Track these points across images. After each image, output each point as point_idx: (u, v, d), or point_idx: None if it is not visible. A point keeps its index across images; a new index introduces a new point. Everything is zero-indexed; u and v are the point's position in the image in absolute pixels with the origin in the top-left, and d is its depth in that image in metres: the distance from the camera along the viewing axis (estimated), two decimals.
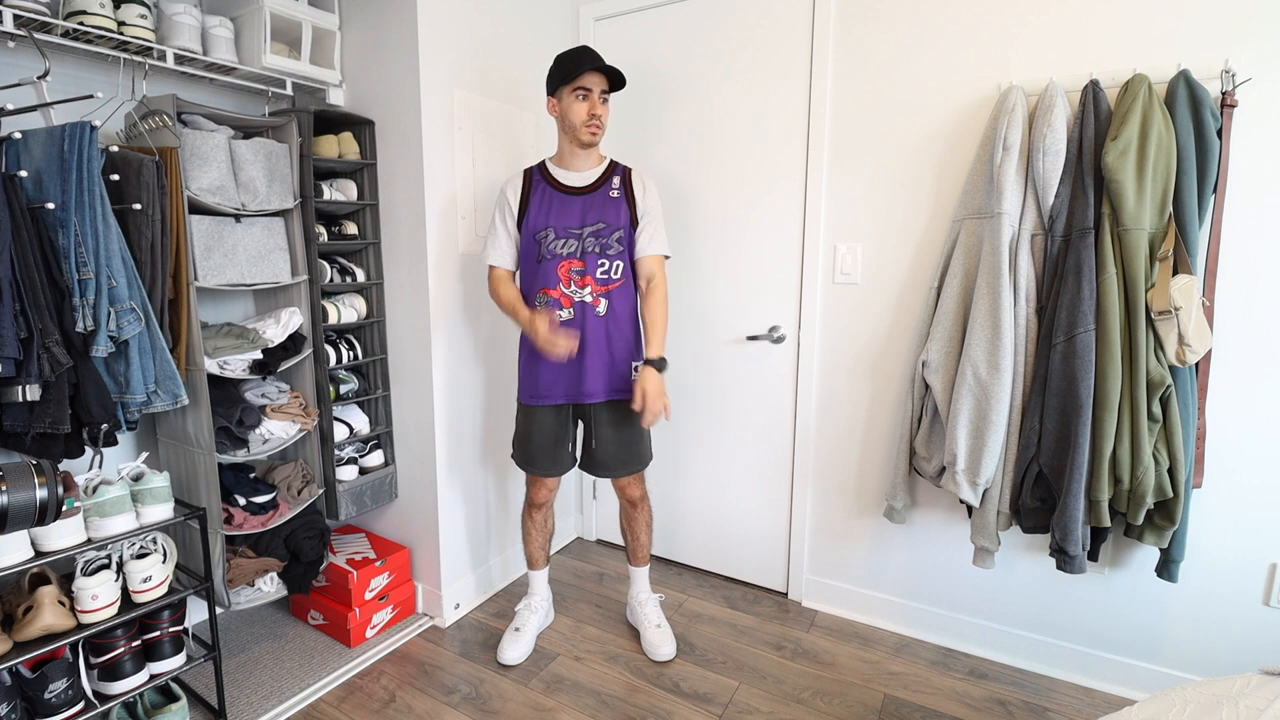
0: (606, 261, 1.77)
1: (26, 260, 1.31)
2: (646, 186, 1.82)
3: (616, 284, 1.79)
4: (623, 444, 1.86)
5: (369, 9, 1.93)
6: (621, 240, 1.78)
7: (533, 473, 1.94)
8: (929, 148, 1.87)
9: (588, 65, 1.70)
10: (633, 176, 1.82)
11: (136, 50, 1.58)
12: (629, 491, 1.97)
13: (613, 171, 1.82)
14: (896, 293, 1.97)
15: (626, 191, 1.80)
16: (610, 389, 1.81)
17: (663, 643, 1.95)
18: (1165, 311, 1.47)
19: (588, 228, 1.77)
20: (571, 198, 1.79)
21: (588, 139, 1.75)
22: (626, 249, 1.79)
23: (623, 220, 1.78)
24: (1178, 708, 0.84)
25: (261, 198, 1.76)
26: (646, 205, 1.80)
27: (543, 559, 2.05)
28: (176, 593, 1.54)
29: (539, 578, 2.06)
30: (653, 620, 2.01)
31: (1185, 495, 1.53)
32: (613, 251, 1.77)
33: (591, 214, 1.77)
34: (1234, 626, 1.66)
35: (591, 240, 1.76)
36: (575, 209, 1.78)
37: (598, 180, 1.80)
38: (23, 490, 0.78)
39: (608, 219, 1.77)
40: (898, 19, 1.88)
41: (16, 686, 1.33)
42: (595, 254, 1.76)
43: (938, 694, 1.81)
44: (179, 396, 1.55)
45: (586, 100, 1.72)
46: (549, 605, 2.11)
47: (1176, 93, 1.49)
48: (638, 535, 2.02)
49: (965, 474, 1.70)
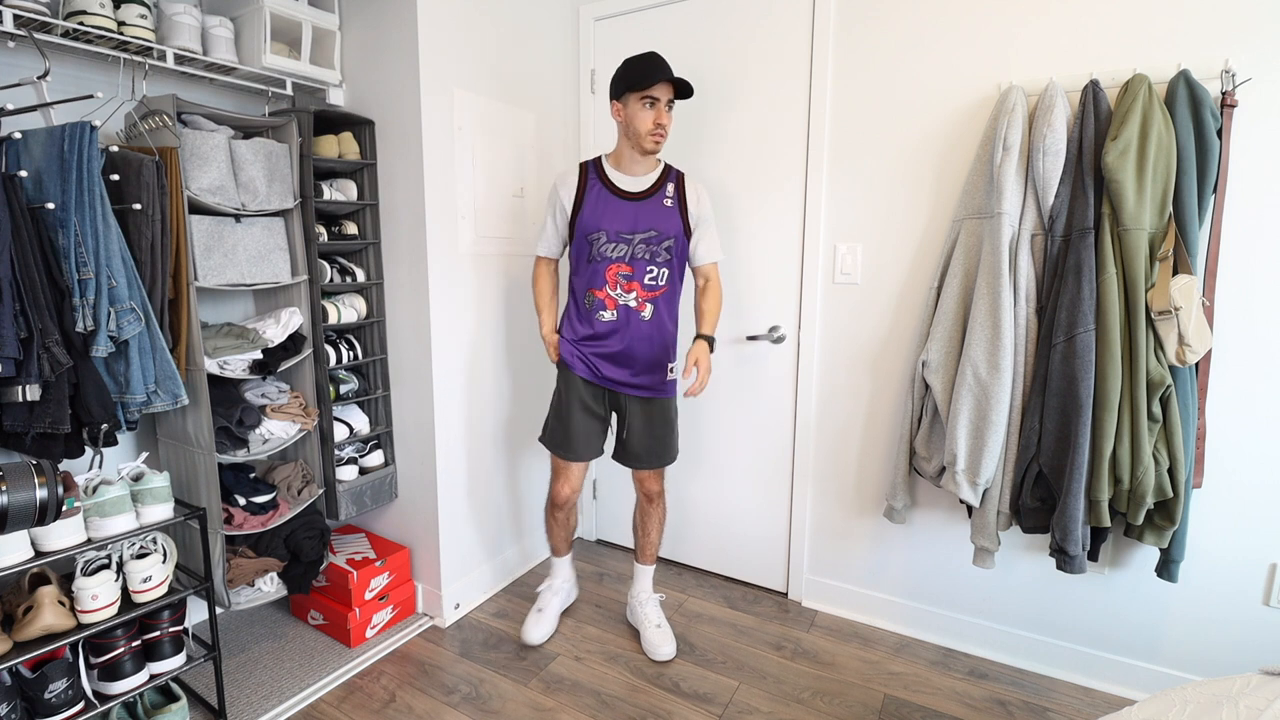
0: (655, 269, 1.80)
1: (26, 260, 1.31)
2: (700, 195, 1.84)
3: (662, 290, 1.83)
4: (655, 438, 1.92)
5: (369, 9, 1.93)
6: (671, 249, 1.81)
7: (561, 455, 1.94)
8: (929, 148, 1.87)
9: (659, 76, 1.69)
10: (686, 183, 1.85)
11: (136, 50, 1.58)
12: (648, 485, 2.00)
13: (667, 178, 1.84)
14: (896, 293, 1.97)
15: (680, 200, 1.82)
16: (645, 388, 1.87)
17: (663, 642, 1.96)
18: (1165, 311, 1.47)
19: (639, 234, 1.79)
20: (626, 202, 1.81)
21: (651, 147, 1.77)
22: (675, 257, 1.82)
23: (674, 229, 1.81)
24: (1178, 708, 0.84)
25: (261, 198, 1.76)
26: (700, 214, 1.83)
27: (564, 548, 2.12)
28: (176, 593, 1.54)
29: (561, 563, 2.13)
30: (653, 620, 2.01)
31: (1185, 495, 1.53)
32: (661, 259, 1.80)
33: (644, 220, 1.80)
34: (1234, 626, 1.66)
35: (642, 247, 1.79)
36: (629, 214, 1.80)
37: (652, 186, 1.82)
38: (23, 490, 0.78)
39: (660, 227, 1.79)
40: (898, 19, 1.88)
41: (16, 686, 1.33)
42: (644, 260, 1.79)
43: (938, 694, 1.81)
44: (179, 396, 1.55)
45: (653, 109, 1.72)
46: (571, 585, 2.18)
47: (1176, 93, 1.49)
48: (649, 532, 2.04)
49: (965, 474, 1.70)
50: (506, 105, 2.17)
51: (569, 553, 2.13)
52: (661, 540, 2.09)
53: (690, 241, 1.84)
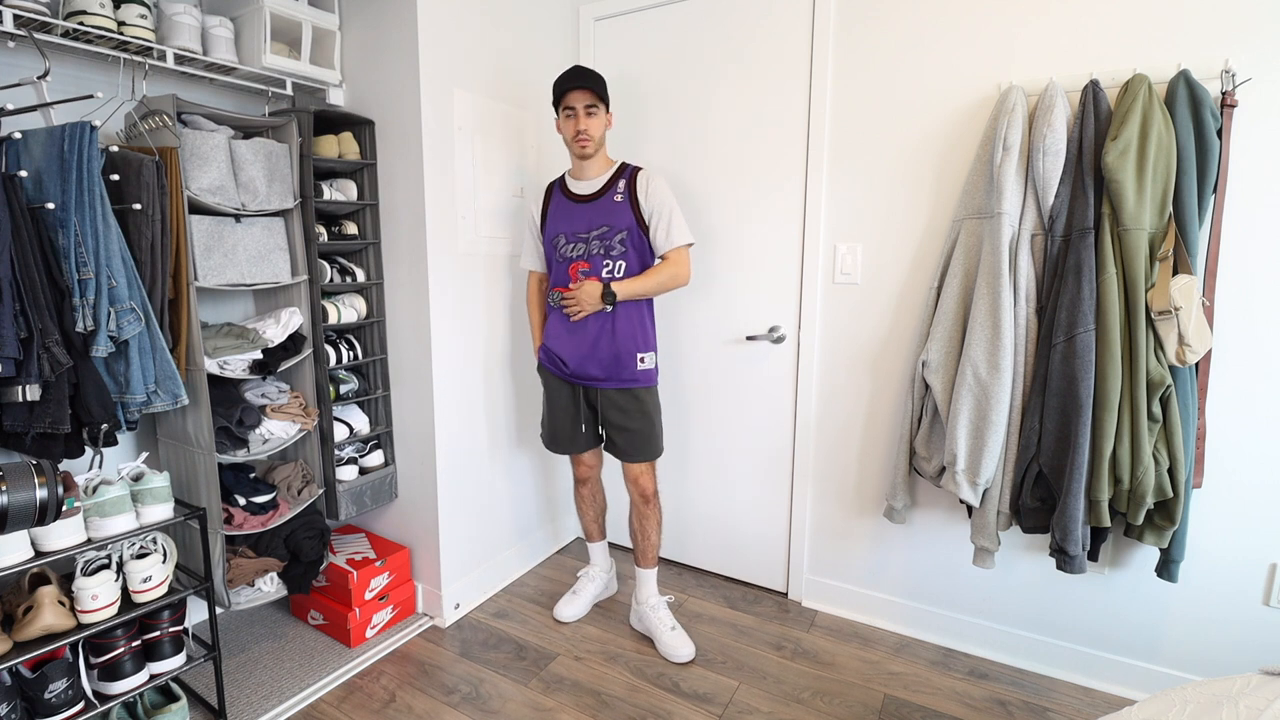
0: (611, 262, 1.87)
1: (26, 260, 1.31)
2: (649, 186, 1.87)
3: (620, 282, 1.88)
4: (631, 432, 1.95)
5: (369, 9, 1.93)
6: (625, 241, 1.86)
7: (554, 451, 2.10)
8: (929, 148, 1.87)
9: (567, 85, 1.82)
10: (638, 178, 1.89)
11: (136, 50, 1.58)
12: (641, 484, 2.02)
13: (620, 176, 1.91)
14: (896, 293, 1.97)
15: (630, 195, 1.87)
16: (615, 379, 1.91)
17: (681, 645, 1.95)
18: (1165, 311, 1.47)
19: (593, 231, 1.88)
20: (580, 205, 1.92)
21: (579, 153, 1.88)
22: (632, 249, 1.87)
23: (626, 223, 1.86)
24: (1178, 708, 0.84)
25: (261, 198, 1.76)
26: (651, 205, 1.86)
27: (596, 531, 2.21)
28: (176, 593, 1.54)
29: (595, 549, 2.23)
30: (666, 624, 2.01)
31: (1185, 495, 1.53)
32: (616, 252, 1.87)
33: (597, 219, 1.89)
34: (1234, 626, 1.66)
35: (596, 243, 1.88)
36: (583, 215, 1.91)
37: (603, 187, 1.90)
38: (23, 490, 0.78)
39: (611, 222, 1.87)
40: (898, 19, 1.88)
41: (16, 686, 1.33)
42: (600, 255, 1.87)
43: (938, 694, 1.81)
44: (179, 396, 1.55)
45: (572, 118, 1.84)
46: (609, 576, 2.26)
47: (1176, 93, 1.49)
48: (648, 535, 2.05)
49: (965, 474, 1.70)
50: (506, 105, 2.17)
51: (601, 538, 2.21)
52: (661, 542, 2.09)
53: (650, 233, 1.87)
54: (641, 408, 1.94)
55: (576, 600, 2.16)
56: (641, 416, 1.94)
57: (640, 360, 1.91)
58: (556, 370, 1.97)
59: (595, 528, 2.19)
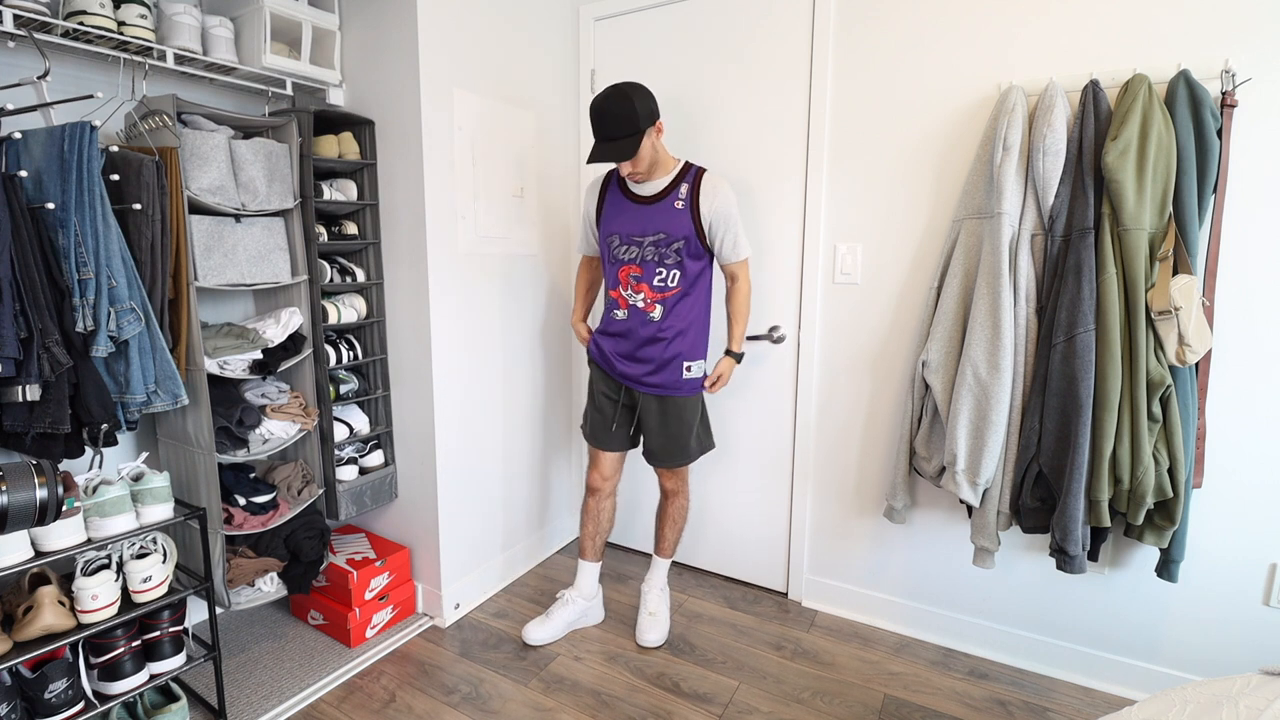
0: (664, 270, 1.82)
1: (26, 260, 1.31)
2: (715, 194, 1.78)
3: (673, 291, 1.83)
4: (669, 437, 1.93)
5: (369, 9, 1.93)
6: (681, 251, 1.80)
7: (590, 444, 2.05)
8: (929, 148, 1.87)
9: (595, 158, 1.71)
10: (702, 183, 1.80)
11: (136, 50, 1.58)
12: (664, 481, 2.05)
13: (682, 179, 1.81)
14: (896, 293, 1.97)
15: (692, 201, 1.79)
16: (658, 386, 1.88)
17: (648, 629, 2.02)
18: (1165, 311, 1.47)
19: (649, 237, 1.81)
20: (639, 206, 1.84)
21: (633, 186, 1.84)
22: (688, 258, 1.81)
23: (684, 231, 1.79)
24: (1178, 708, 0.84)
25: (261, 198, 1.76)
26: (715, 214, 1.78)
27: (590, 549, 2.08)
28: (176, 593, 1.54)
29: (583, 569, 2.10)
30: (648, 607, 2.05)
31: (1185, 495, 1.53)
32: (670, 261, 1.81)
33: (655, 224, 1.81)
34: (1234, 626, 1.66)
35: (651, 249, 1.81)
36: (640, 218, 1.83)
37: (665, 190, 1.81)
38: (23, 490, 0.78)
39: (669, 230, 1.80)
40: (898, 19, 1.88)
41: (16, 686, 1.33)
42: (654, 262, 1.82)
43: (938, 694, 1.81)
44: (179, 396, 1.55)
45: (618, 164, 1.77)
46: (589, 604, 2.11)
47: (1176, 93, 1.49)
48: (663, 527, 2.09)
49: (965, 474, 1.70)
50: (506, 105, 2.17)
51: (595, 559, 2.09)
52: (679, 539, 2.11)
53: (708, 242, 1.82)
54: (681, 415, 1.91)
55: (548, 623, 2.03)
56: (679, 424, 1.91)
57: (687, 369, 1.87)
58: (604, 364, 1.95)
59: (590, 545, 2.08)
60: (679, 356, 1.86)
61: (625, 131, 1.68)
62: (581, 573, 2.10)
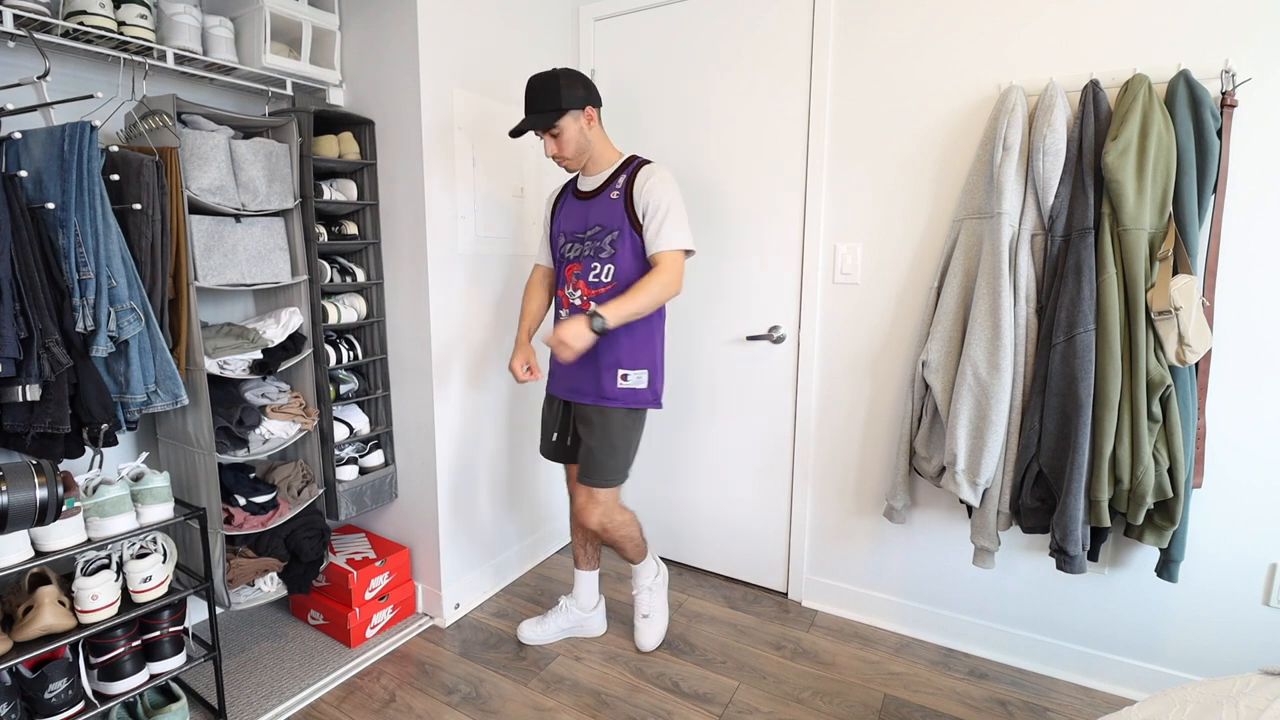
0: (598, 265, 1.73)
1: (26, 260, 1.31)
2: (650, 182, 1.68)
3: (607, 288, 1.71)
4: (589, 449, 1.78)
5: (369, 9, 1.93)
6: (615, 243, 1.70)
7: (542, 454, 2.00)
8: (929, 148, 1.87)
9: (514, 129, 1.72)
10: (639, 173, 1.71)
11: (136, 50, 1.58)
12: (584, 515, 1.83)
13: (622, 171, 1.75)
14: (896, 293, 1.97)
15: (626, 192, 1.71)
16: (595, 393, 1.75)
17: (643, 634, 2.00)
18: (1165, 311, 1.47)
19: (589, 231, 1.75)
20: (581, 202, 1.80)
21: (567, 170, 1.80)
22: (622, 251, 1.70)
23: (617, 222, 1.70)
24: (1178, 708, 0.84)
25: (261, 198, 1.76)
26: (648, 202, 1.67)
27: (582, 557, 2.04)
28: (176, 593, 1.54)
29: (579, 578, 2.05)
30: (640, 611, 2.03)
31: (1185, 495, 1.53)
32: (604, 255, 1.72)
33: (593, 217, 1.75)
34: (1234, 626, 1.66)
35: (590, 244, 1.74)
36: (581, 213, 1.79)
37: (604, 184, 1.76)
38: (23, 490, 0.78)
39: (604, 221, 1.73)
40: (898, 19, 1.88)
41: (16, 686, 1.33)
42: (590, 258, 1.74)
43: (938, 694, 1.81)
44: (179, 396, 1.55)
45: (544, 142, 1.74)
46: (588, 615, 2.05)
47: (1176, 93, 1.49)
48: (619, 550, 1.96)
49: (965, 474, 1.70)
50: (507, 105, 2.17)
51: (589, 567, 2.04)
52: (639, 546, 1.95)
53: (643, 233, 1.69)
54: (605, 429, 1.75)
55: (541, 626, 2.02)
56: (601, 438, 1.75)
57: (621, 377, 1.73)
58: (549, 389, 1.92)
59: (581, 553, 2.03)
60: (612, 361, 1.72)
61: (547, 106, 1.66)
62: (578, 582, 2.05)
